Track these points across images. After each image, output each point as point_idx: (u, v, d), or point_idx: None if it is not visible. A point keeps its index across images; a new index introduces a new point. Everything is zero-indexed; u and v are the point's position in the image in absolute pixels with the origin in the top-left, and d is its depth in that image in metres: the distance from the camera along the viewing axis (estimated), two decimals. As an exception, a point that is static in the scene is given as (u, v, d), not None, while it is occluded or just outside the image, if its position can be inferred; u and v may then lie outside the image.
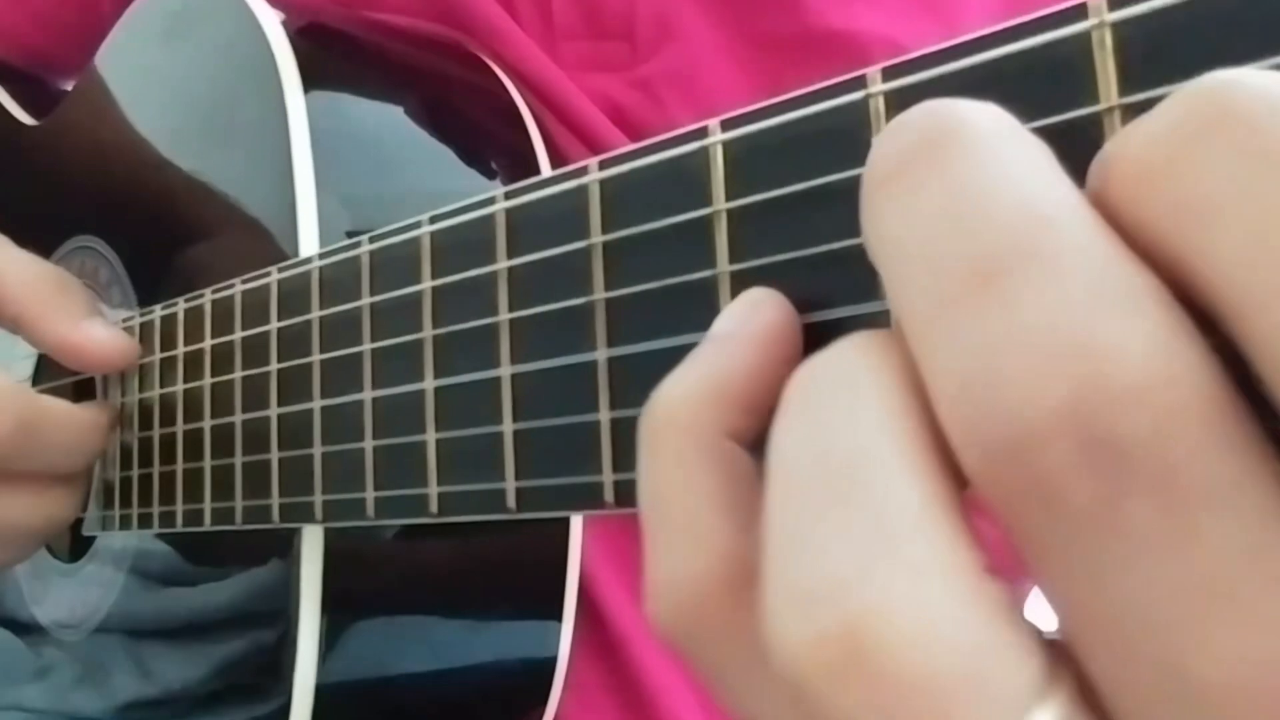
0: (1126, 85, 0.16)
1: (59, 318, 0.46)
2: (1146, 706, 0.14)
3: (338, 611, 0.41)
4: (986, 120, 0.15)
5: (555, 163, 0.48)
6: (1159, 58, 0.16)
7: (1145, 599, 0.13)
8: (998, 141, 0.15)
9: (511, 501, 0.27)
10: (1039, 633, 0.15)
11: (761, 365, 0.18)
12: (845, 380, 0.16)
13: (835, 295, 0.20)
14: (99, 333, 0.46)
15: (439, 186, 0.47)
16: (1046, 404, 0.13)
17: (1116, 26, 0.17)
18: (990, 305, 0.14)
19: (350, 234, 0.42)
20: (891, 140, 0.16)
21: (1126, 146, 0.14)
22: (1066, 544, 0.13)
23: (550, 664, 0.46)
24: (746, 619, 0.17)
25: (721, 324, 0.20)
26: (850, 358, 0.16)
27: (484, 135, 0.49)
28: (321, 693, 0.41)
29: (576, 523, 0.45)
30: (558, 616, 0.45)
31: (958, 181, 0.15)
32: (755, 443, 0.18)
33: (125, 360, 0.47)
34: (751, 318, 0.20)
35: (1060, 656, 0.15)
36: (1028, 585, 0.56)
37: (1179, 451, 0.13)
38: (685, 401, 0.18)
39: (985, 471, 0.14)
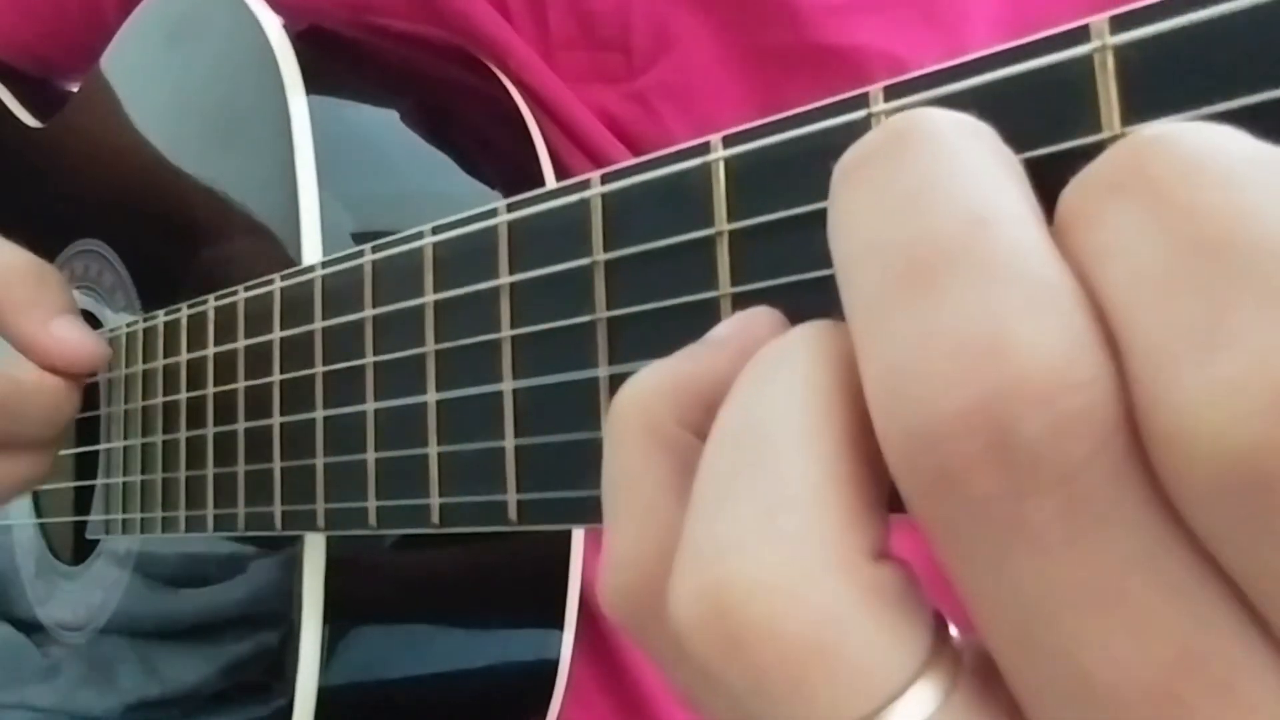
0: (1128, 108, 0.16)
1: (29, 314, 0.45)
2: (1044, 696, 0.14)
3: (340, 616, 0.41)
4: (946, 123, 0.16)
5: (558, 171, 0.48)
6: (1161, 81, 0.16)
7: (1042, 594, 0.14)
8: (953, 143, 0.15)
9: (513, 514, 0.27)
10: (934, 621, 0.16)
11: (731, 371, 0.18)
12: (782, 361, 0.17)
13: (835, 312, 0.20)
14: (66, 333, 0.45)
15: (442, 191, 0.47)
16: (958, 399, 0.13)
17: (1118, 49, 0.17)
18: (920, 300, 0.14)
19: (354, 238, 0.42)
20: (859, 141, 0.16)
21: (1067, 190, 0.15)
22: (970, 536, 0.14)
23: (551, 670, 0.46)
24: None
25: (713, 332, 0.20)
26: (793, 341, 0.17)
27: (487, 141, 0.49)
28: (324, 697, 0.41)
29: (578, 530, 0.45)
30: (559, 623, 0.45)
31: (905, 178, 0.15)
32: None
33: (91, 364, 0.46)
34: (741, 330, 0.20)
35: (948, 644, 0.15)
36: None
37: (1078, 456, 0.13)
38: (645, 393, 0.19)
39: (899, 460, 0.14)
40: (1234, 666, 0.13)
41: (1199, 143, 0.14)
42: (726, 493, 0.16)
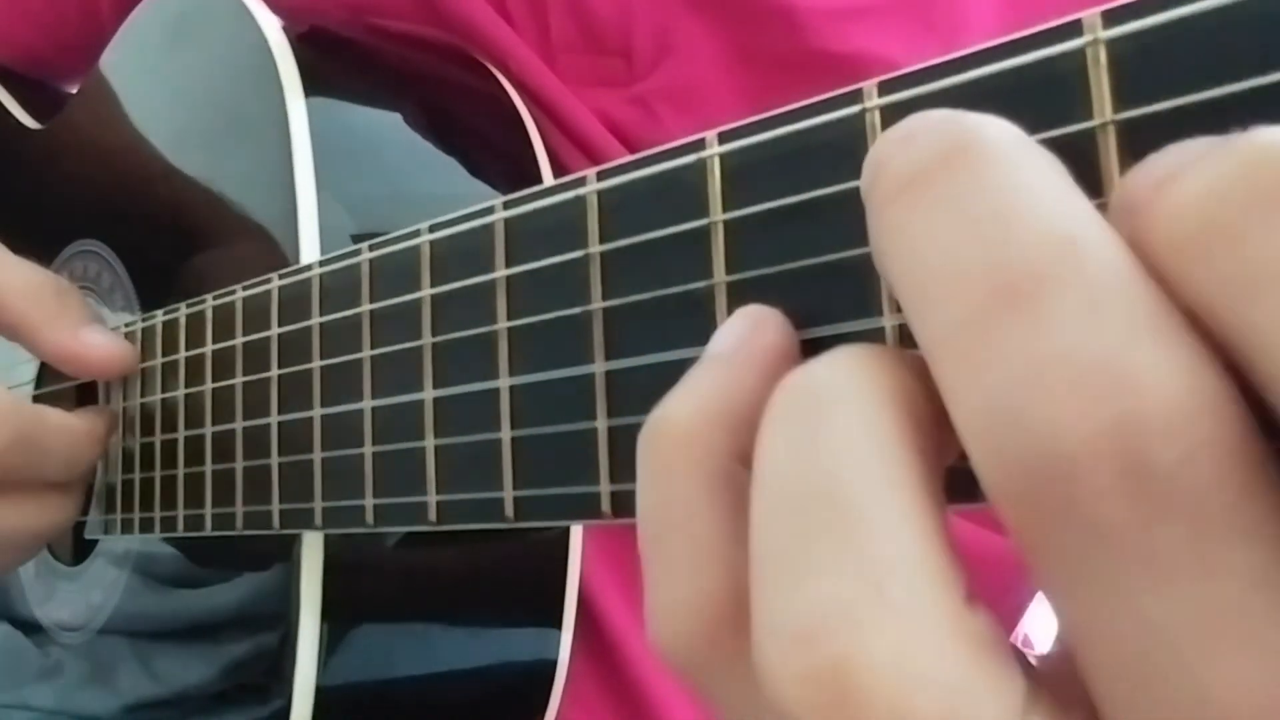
0: (1120, 102, 0.17)
1: (57, 326, 0.46)
2: None
3: (338, 616, 0.41)
4: (1001, 132, 0.15)
5: (557, 172, 0.48)
6: (1153, 75, 0.16)
7: (1169, 622, 0.13)
8: (1016, 154, 0.15)
9: (509, 510, 0.27)
10: (1020, 657, 0.15)
11: (765, 388, 0.18)
12: (831, 397, 0.16)
13: (832, 309, 0.20)
14: (97, 339, 0.47)
15: (440, 192, 0.48)
16: (1085, 429, 0.13)
17: (1110, 43, 0.17)
18: (1021, 324, 0.14)
19: (352, 239, 0.42)
20: (903, 151, 0.16)
21: (1173, 199, 0.14)
22: (1095, 566, 0.14)
23: (550, 670, 0.46)
24: (749, 646, 0.17)
25: (722, 342, 0.20)
26: (838, 372, 0.16)
27: (486, 142, 0.49)
28: (321, 696, 0.41)
29: (576, 530, 0.45)
30: (557, 623, 0.45)
31: (981, 194, 0.15)
32: None
33: (124, 366, 0.47)
34: (752, 338, 0.20)
35: (1040, 679, 0.15)
36: (1015, 594, 0.55)
37: (1211, 481, 0.13)
38: (693, 427, 0.18)
39: (1014, 492, 0.14)
40: None
41: None
42: (809, 557, 0.15)
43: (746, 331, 0.20)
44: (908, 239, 0.15)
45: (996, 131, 0.15)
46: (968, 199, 0.15)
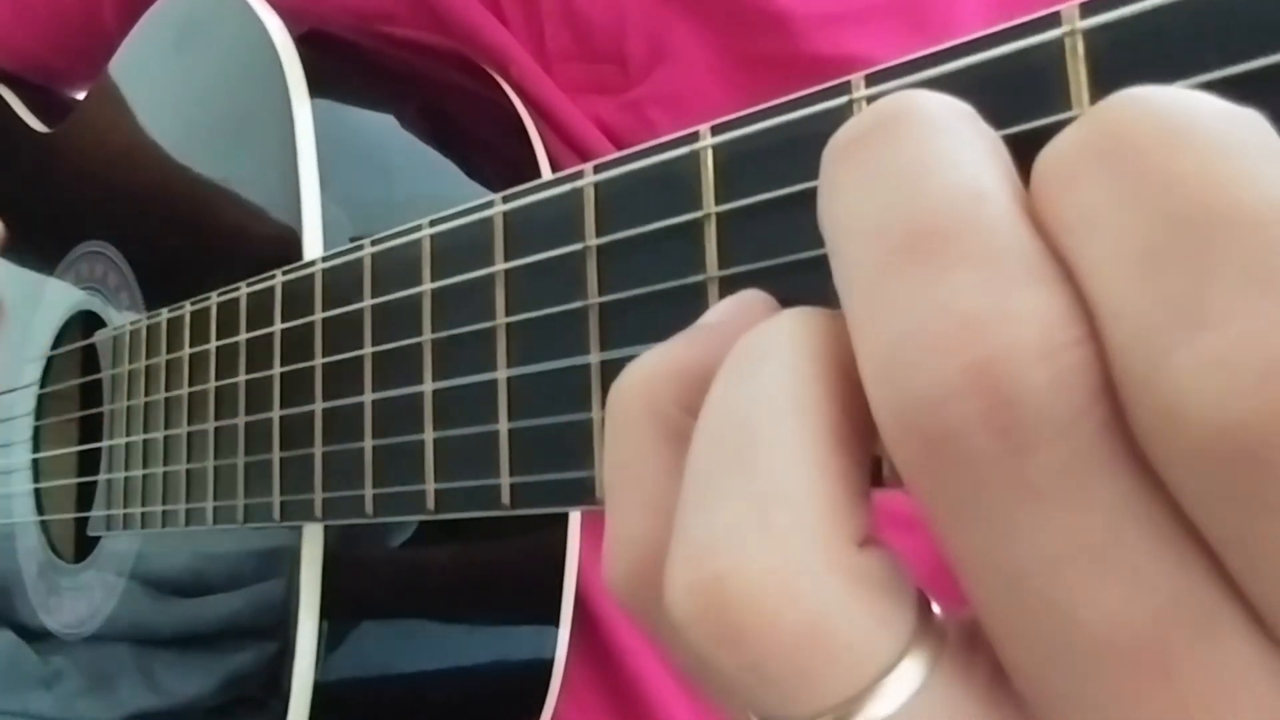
0: (1098, 91, 0.17)
1: None
2: (1035, 657, 0.15)
3: (336, 613, 0.42)
4: (934, 104, 0.16)
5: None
6: (1129, 64, 0.17)
7: (1041, 549, 0.14)
8: (944, 122, 0.16)
9: (506, 498, 0.28)
10: (918, 600, 0.16)
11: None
12: (768, 349, 0.17)
13: (821, 300, 0.20)
14: None
15: (442, 196, 0.48)
16: (956, 364, 0.14)
17: (1088, 34, 0.17)
18: (918, 276, 0.14)
19: (354, 239, 0.43)
20: (850, 121, 0.17)
21: (1042, 155, 0.15)
22: (970, 497, 0.14)
23: (547, 668, 0.46)
24: None
25: (708, 315, 0.21)
26: (780, 328, 0.17)
27: (488, 147, 0.50)
28: (319, 693, 0.42)
29: (574, 529, 0.46)
30: (554, 621, 0.46)
31: (901, 155, 0.15)
32: None
33: None
34: (736, 314, 0.20)
35: (932, 621, 0.16)
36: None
37: (1077, 408, 0.14)
38: (647, 377, 0.19)
39: (898, 427, 0.15)
40: (1215, 613, 0.13)
41: (1175, 107, 0.14)
42: (716, 486, 0.16)
43: (733, 308, 0.21)
44: (836, 197, 0.16)
45: (926, 102, 0.16)
46: (889, 160, 0.15)
